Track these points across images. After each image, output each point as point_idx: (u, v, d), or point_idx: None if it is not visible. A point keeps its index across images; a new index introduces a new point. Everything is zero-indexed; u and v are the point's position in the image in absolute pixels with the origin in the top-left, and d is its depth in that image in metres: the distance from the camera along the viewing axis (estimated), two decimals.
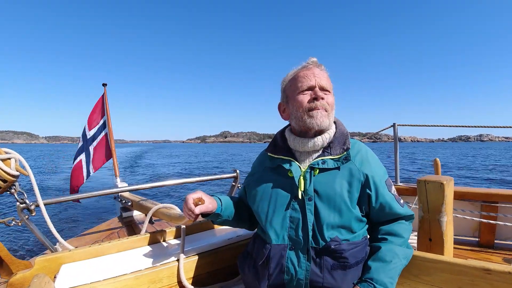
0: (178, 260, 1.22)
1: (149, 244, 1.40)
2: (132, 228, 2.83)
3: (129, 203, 2.65)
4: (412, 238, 1.71)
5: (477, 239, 2.24)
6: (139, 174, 17.97)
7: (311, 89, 1.03)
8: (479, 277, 0.92)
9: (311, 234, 0.95)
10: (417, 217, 1.47)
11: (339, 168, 1.01)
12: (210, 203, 1.07)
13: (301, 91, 1.04)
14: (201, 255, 1.30)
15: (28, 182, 1.36)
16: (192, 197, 1.03)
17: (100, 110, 3.38)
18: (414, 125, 2.84)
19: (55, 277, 1.08)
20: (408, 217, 1.06)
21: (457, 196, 2.03)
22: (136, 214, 3.14)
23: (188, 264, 1.25)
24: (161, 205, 1.72)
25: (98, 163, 3.28)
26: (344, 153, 1.02)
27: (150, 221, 2.59)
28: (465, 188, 2.28)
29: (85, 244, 1.34)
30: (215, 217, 1.13)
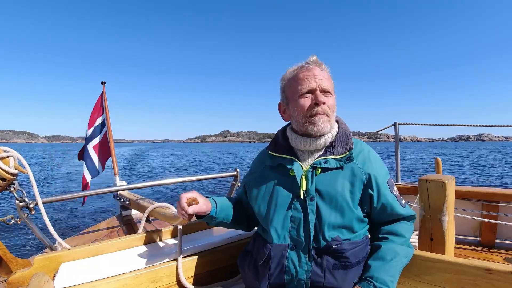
0: (176, 260, 1.22)
1: (149, 243, 1.39)
2: (131, 227, 2.82)
3: (127, 202, 2.64)
4: (413, 238, 1.70)
5: (478, 238, 2.24)
6: (138, 173, 17.97)
7: (312, 92, 1.01)
8: (480, 277, 0.92)
9: (312, 234, 0.94)
10: (418, 216, 1.46)
11: (342, 168, 1.00)
12: (204, 204, 1.04)
13: (301, 94, 1.01)
14: (201, 254, 1.30)
15: (25, 179, 1.35)
16: (186, 196, 1.00)
17: (99, 109, 3.38)
18: (415, 124, 2.83)
19: (55, 275, 1.07)
20: (409, 218, 1.06)
21: (458, 195, 2.02)
22: (135, 213, 3.13)
23: (187, 263, 1.25)
24: (157, 204, 1.70)
25: (103, 161, 3.30)
26: (347, 153, 1.01)
27: (148, 220, 2.57)
28: (466, 188, 2.27)
29: (84, 243, 1.33)
30: (209, 219, 1.10)
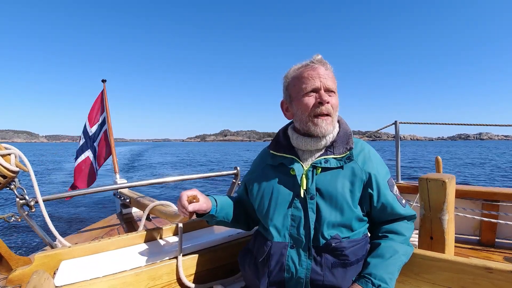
0: (176, 258, 1.22)
1: (149, 241, 1.39)
2: (132, 224, 2.82)
3: (128, 200, 2.64)
4: (413, 236, 1.70)
5: (478, 237, 2.24)
6: (138, 172, 17.98)
7: (316, 91, 1.00)
8: (480, 276, 0.92)
9: (312, 232, 0.94)
10: (418, 215, 1.46)
11: (342, 167, 1.00)
12: (205, 202, 1.05)
13: (305, 93, 1.01)
14: (201, 252, 1.30)
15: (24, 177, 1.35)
16: (187, 194, 1.01)
17: (99, 107, 3.38)
18: (415, 123, 2.83)
19: (55, 273, 1.07)
20: (409, 217, 1.06)
21: (458, 194, 2.02)
22: (136, 210, 3.13)
23: (187, 261, 1.25)
24: (157, 202, 1.68)
25: (100, 160, 3.30)
26: (347, 152, 1.01)
27: (148, 218, 2.58)
28: (467, 187, 2.27)
29: (84, 241, 1.33)
30: (209, 217, 1.11)
